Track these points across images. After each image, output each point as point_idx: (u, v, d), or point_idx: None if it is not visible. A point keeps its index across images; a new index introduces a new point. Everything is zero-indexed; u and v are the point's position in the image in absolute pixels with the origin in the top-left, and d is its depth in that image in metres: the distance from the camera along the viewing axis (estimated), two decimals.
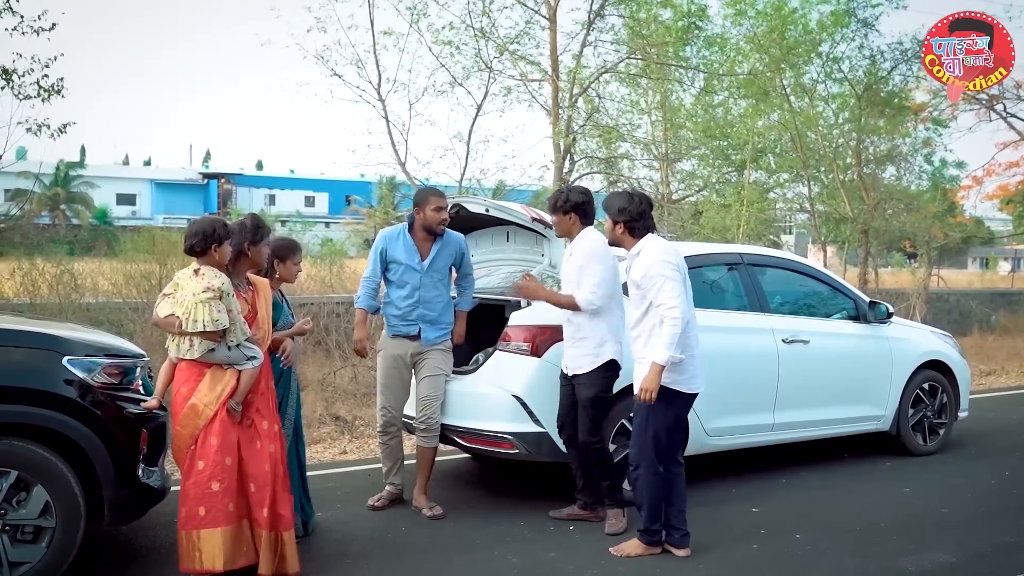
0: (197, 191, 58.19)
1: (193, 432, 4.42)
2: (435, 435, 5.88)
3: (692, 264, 6.70)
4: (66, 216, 49.79)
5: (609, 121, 15.00)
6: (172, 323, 4.45)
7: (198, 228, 4.55)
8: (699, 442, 6.36)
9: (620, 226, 5.00)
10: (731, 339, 6.54)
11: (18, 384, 4.31)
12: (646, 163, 17.92)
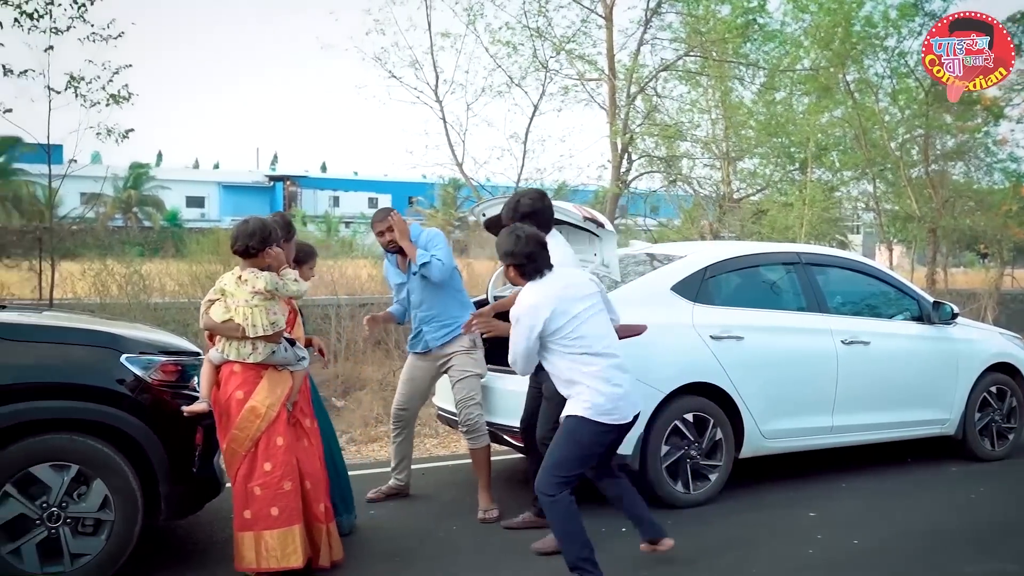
0: (263, 193, 59.16)
1: (253, 435, 4.47)
2: (481, 435, 5.89)
3: (747, 264, 6.69)
4: (138, 218, 51.02)
5: (668, 120, 14.84)
6: (233, 328, 4.49)
7: (254, 229, 4.54)
8: (755, 444, 6.27)
9: (510, 268, 4.79)
10: (788, 340, 6.44)
11: (78, 381, 4.42)
12: (706, 162, 17.70)
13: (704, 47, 13.87)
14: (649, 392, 5.79)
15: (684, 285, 6.20)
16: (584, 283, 4.75)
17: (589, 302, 4.65)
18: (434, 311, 5.88)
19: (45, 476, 4.29)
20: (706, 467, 6.08)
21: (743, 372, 6.15)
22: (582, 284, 4.73)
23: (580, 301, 4.62)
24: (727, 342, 6.13)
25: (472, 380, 5.89)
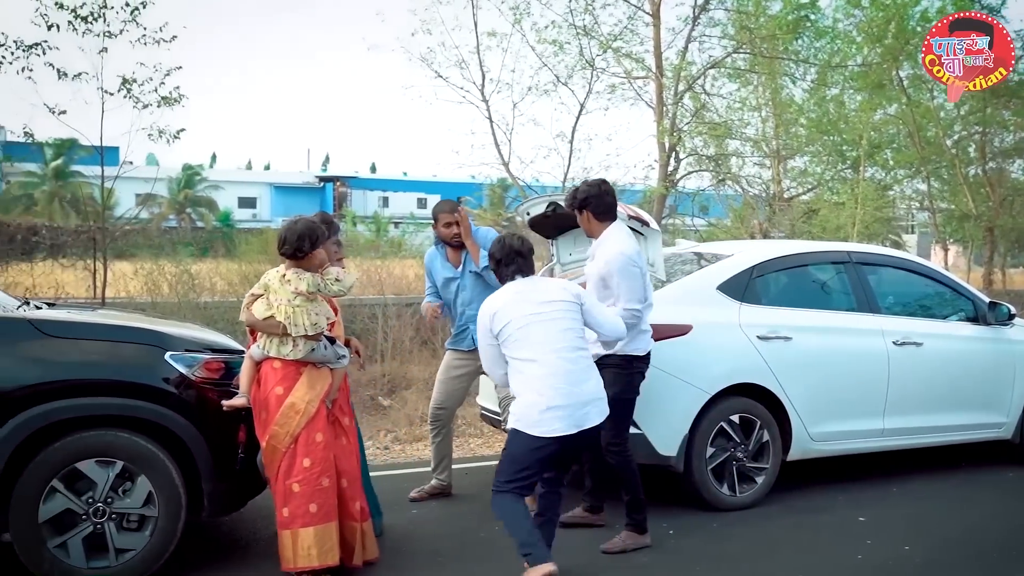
0: (314, 194, 59.71)
1: (293, 431, 4.48)
2: None
3: (796, 263, 6.57)
4: (191, 219, 51.84)
5: (716, 118, 14.68)
6: (274, 326, 4.51)
7: (303, 233, 4.51)
8: (803, 447, 6.15)
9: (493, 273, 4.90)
10: (837, 340, 6.30)
11: (122, 378, 4.47)
12: (756, 161, 17.48)
13: (754, 44, 13.69)
14: (694, 393, 5.72)
15: (730, 284, 6.10)
16: (545, 290, 4.63)
17: (541, 308, 4.53)
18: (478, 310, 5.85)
19: (91, 472, 4.35)
20: (752, 469, 5.97)
21: (791, 373, 6.04)
22: (541, 291, 4.62)
23: (529, 306, 4.53)
24: (775, 342, 6.02)
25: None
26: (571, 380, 4.45)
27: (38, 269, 14.13)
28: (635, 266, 5.07)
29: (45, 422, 4.27)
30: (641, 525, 5.21)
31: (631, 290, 5.04)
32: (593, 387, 4.54)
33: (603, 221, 5.22)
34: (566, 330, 4.52)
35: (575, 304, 4.59)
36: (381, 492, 5.99)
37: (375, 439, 8.64)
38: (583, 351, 4.57)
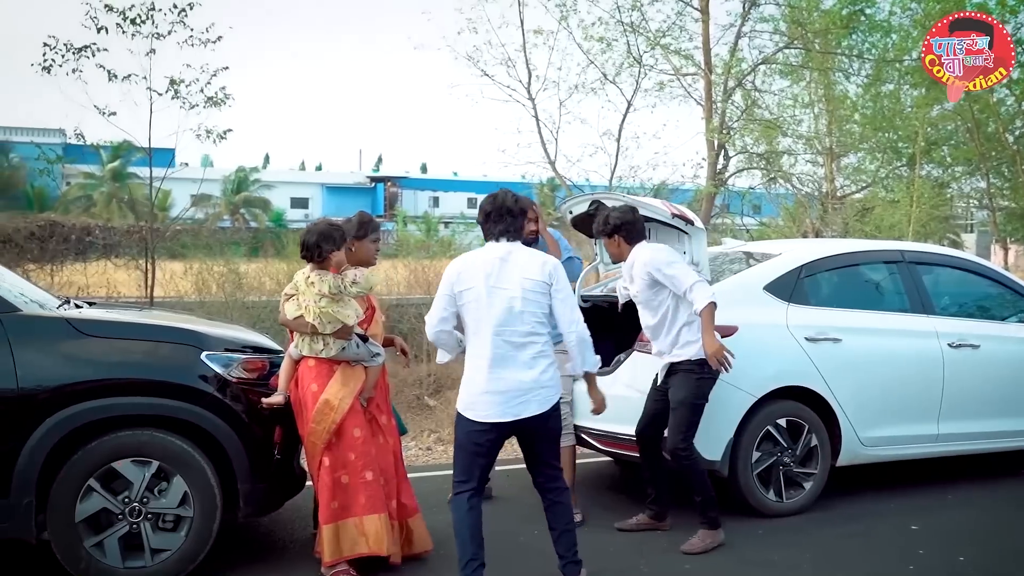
0: (365, 194, 60.15)
1: (329, 427, 4.50)
2: (569, 435, 5.75)
3: (846, 262, 6.38)
4: (245, 219, 52.53)
5: (768, 115, 14.40)
6: (304, 325, 4.57)
7: (318, 239, 4.58)
8: (853, 452, 5.96)
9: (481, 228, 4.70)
10: (889, 342, 6.10)
11: (158, 378, 4.47)
12: (809, 158, 17.15)
13: (806, 39, 13.41)
14: (740, 396, 5.58)
15: (778, 284, 5.93)
16: (521, 263, 4.25)
17: (507, 284, 4.20)
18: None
19: (127, 471, 4.36)
20: (800, 475, 5.80)
21: (841, 376, 5.85)
22: (516, 263, 4.25)
23: (496, 277, 4.22)
24: (823, 344, 5.84)
25: (566, 381, 5.75)
26: (511, 365, 4.18)
27: (92, 269, 14.41)
28: (673, 257, 5.18)
29: (81, 421, 4.29)
30: (715, 522, 5.20)
31: (682, 271, 5.09)
32: (535, 376, 4.19)
33: (631, 244, 5.30)
34: (522, 312, 4.20)
35: (545, 285, 4.25)
36: (422, 493, 5.93)
37: (418, 439, 8.60)
38: (536, 336, 4.22)
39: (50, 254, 13.70)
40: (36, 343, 4.34)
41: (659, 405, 5.32)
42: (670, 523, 5.49)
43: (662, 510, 5.52)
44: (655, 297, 5.22)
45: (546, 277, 4.26)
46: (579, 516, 5.64)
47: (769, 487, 5.72)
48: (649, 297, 5.26)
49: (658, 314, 5.24)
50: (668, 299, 5.18)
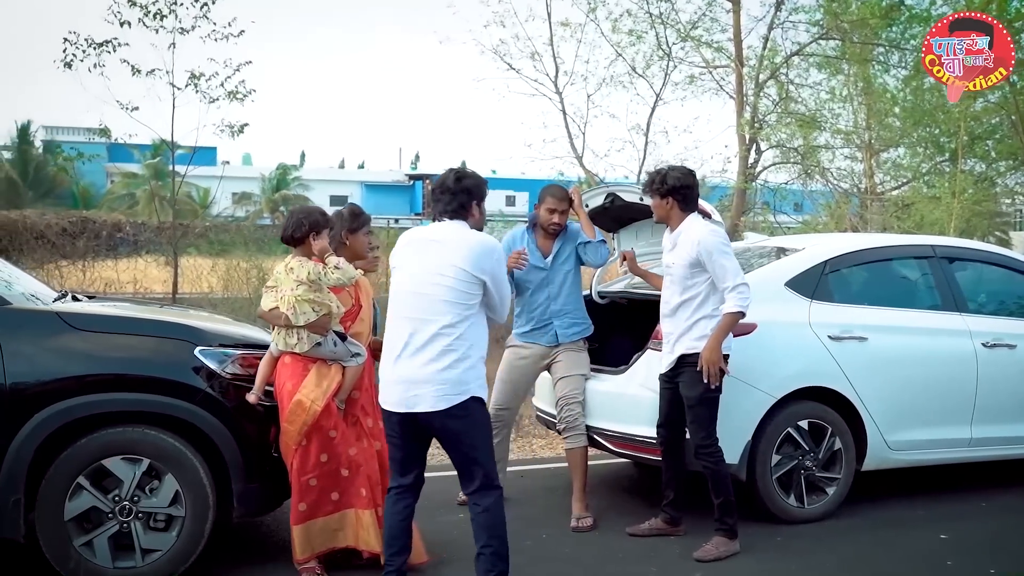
0: (403, 192, 60.28)
1: (301, 428, 4.34)
2: (581, 435, 5.58)
3: (873, 258, 6.13)
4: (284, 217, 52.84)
5: (803, 108, 14.03)
6: (278, 316, 4.45)
7: (293, 216, 4.53)
8: (879, 456, 5.70)
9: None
10: (918, 341, 5.83)
11: (149, 373, 4.36)
12: (847, 153, 16.73)
13: (842, 30, 13.04)
14: (758, 397, 5.35)
15: (800, 280, 5.69)
16: (452, 248, 3.89)
17: (429, 270, 3.89)
18: (570, 306, 5.67)
19: (117, 469, 4.25)
20: (823, 479, 5.55)
21: (866, 376, 5.60)
22: (447, 248, 3.90)
23: (424, 259, 3.94)
24: (848, 343, 5.59)
25: (579, 379, 5.62)
26: (416, 354, 3.87)
27: (122, 265, 14.51)
28: (728, 246, 4.94)
29: (70, 417, 4.18)
30: (732, 529, 4.98)
31: (733, 267, 4.85)
32: (436, 369, 3.83)
33: (685, 212, 5.02)
34: (438, 300, 3.86)
35: (468, 274, 3.87)
36: (435, 493, 5.79)
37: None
38: (448, 329, 3.86)
39: (81, 250, 13.80)
40: (25, 337, 4.25)
41: (673, 400, 5.10)
42: (685, 528, 5.28)
43: (677, 515, 5.31)
44: (691, 277, 4.94)
45: (470, 266, 3.87)
46: (590, 520, 5.46)
47: (790, 492, 5.48)
48: (685, 275, 4.97)
49: (686, 295, 4.97)
50: (704, 285, 4.94)
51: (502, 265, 4.03)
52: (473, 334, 3.92)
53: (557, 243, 5.67)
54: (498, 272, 3.97)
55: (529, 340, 5.71)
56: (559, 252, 5.66)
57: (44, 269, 14.13)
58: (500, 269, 3.99)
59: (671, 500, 5.28)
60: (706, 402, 4.94)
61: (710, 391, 4.92)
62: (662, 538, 5.23)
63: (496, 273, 3.95)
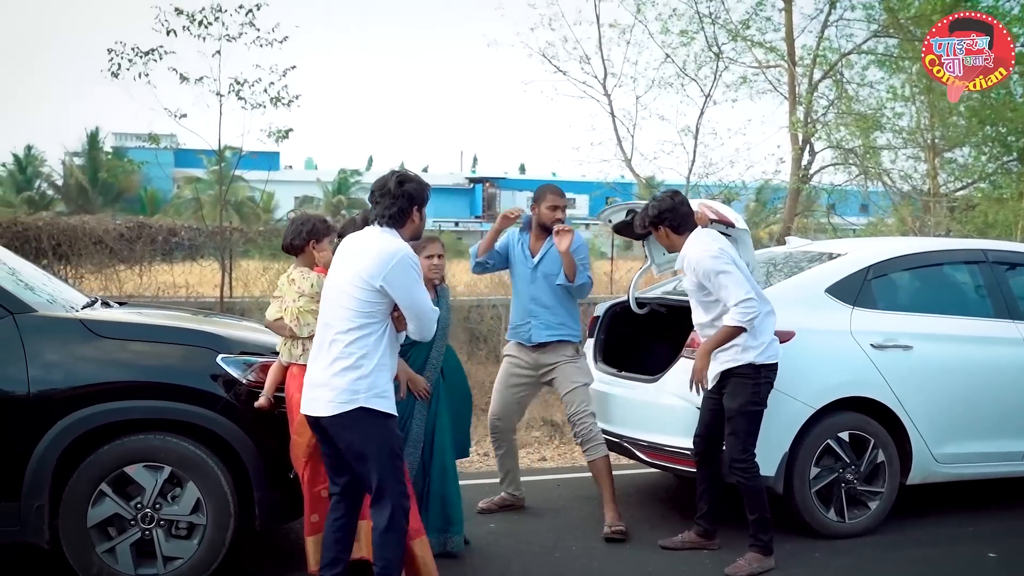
0: (463, 195, 60.53)
1: (310, 440, 4.26)
2: (598, 444, 5.48)
3: (920, 263, 5.92)
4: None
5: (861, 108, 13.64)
6: (283, 327, 4.46)
7: (293, 224, 4.53)
8: (925, 470, 5.47)
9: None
10: (968, 350, 5.58)
11: (170, 380, 4.36)
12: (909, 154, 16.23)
13: (902, 27, 12.65)
14: (796, 407, 5.17)
15: (842, 287, 5.49)
16: (365, 259, 3.78)
17: (342, 277, 3.84)
18: (549, 311, 5.52)
19: (139, 476, 4.26)
20: (865, 493, 5.35)
21: (911, 386, 5.38)
22: (363, 257, 3.80)
23: (342, 268, 3.88)
24: (892, 352, 5.38)
25: (582, 391, 5.50)
26: (320, 358, 3.86)
27: (177, 269, 14.74)
28: (724, 259, 4.73)
29: (92, 425, 4.20)
30: (767, 546, 4.83)
31: (734, 283, 4.66)
32: (330, 375, 3.80)
33: (682, 233, 4.92)
34: (339, 307, 3.82)
35: (369, 286, 3.76)
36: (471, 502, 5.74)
37: (480, 444, 8.38)
38: (340, 335, 3.80)
39: (138, 255, 14.03)
40: (49, 344, 4.28)
41: (715, 411, 4.96)
42: (719, 543, 5.12)
43: (711, 528, 5.16)
44: (707, 297, 4.87)
45: (367, 273, 3.76)
46: (622, 526, 5.34)
47: (829, 506, 5.29)
48: (700, 297, 4.92)
49: (711, 313, 4.89)
50: (719, 301, 4.83)
51: (407, 275, 3.79)
52: (369, 344, 3.80)
53: (547, 244, 5.54)
54: (400, 280, 3.77)
55: (512, 337, 5.68)
56: (547, 254, 5.53)
57: (103, 274, 14.45)
58: (403, 278, 3.78)
59: (704, 513, 5.14)
60: (746, 414, 4.80)
61: (753, 403, 4.79)
62: (694, 552, 5.08)
63: (397, 281, 3.77)
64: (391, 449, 3.89)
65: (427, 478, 4.99)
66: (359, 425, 3.81)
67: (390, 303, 3.82)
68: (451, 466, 5.10)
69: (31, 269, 5.25)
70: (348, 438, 3.84)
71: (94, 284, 14.50)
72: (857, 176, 14.24)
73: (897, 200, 15.01)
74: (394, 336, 3.95)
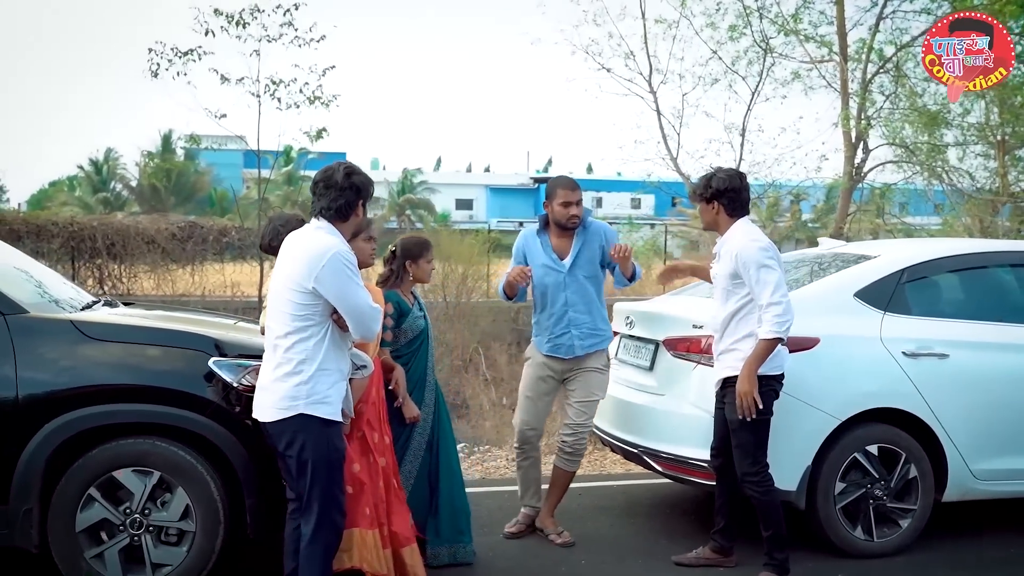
0: (527, 195, 60.43)
1: None
2: (578, 460, 5.31)
3: (959, 265, 5.61)
4: (411, 220, 53.78)
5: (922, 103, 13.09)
6: None
7: (271, 224, 4.47)
8: (963, 486, 5.13)
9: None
10: (1010, 359, 5.22)
11: (159, 384, 4.28)
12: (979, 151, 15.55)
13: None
14: (820, 418, 4.90)
15: (872, 291, 5.18)
16: (303, 255, 3.66)
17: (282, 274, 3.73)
18: (588, 316, 5.20)
19: (128, 481, 4.18)
20: (895, 511, 5.04)
21: (947, 397, 5.05)
22: (302, 252, 3.67)
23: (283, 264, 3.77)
24: (926, 360, 5.06)
25: (593, 407, 5.26)
26: (267, 362, 3.79)
27: (228, 268, 14.93)
28: (771, 254, 4.47)
29: (80, 428, 4.13)
30: (783, 566, 4.59)
31: (775, 282, 4.40)
32: (272, 380, 3.73)
33: (733, 216, 4.64)
34: (277, 310, 3.74)
35: (303, 287, 3.64)
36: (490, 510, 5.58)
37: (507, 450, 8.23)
38: (280, 340, 3.72)
39: (189, 254, 14.24)
40: (39, 346, 4.23)
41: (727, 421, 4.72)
42: (736, 560, 4.87)
43: (728, 544, 4.90)
44: (735, 289, 4.58)
45: (299, 274, 3.64)
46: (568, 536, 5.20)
47: (856, 523, 4.99)
48: (728, 286, 4.61)
49: (730, 307, 4.61)
50: (748, 298, 4.56)
51: (339, 274, 3.62)
52: (308, 348, 3.68)
53: (577, 242, 5.21)
54: (331, 280, 3.62)
55: (550, 352, 5.25)
56: (579, 253, 5.20)
57: (156, 273, 14.72)
58: (335, 278, 3.62)
59: (721, 528, 4.89)
60: (750, 426, 4.53)
61: (756, 415, 4.51)
62: (710, 569, 4.84)
63: (328, 281, 3.61)
64: (329, 459, 3.76)
65: (436, 487, 4.86)
66: (299, 432, 3.71)
67: (327, 304, 3.68)
68: (459, 473, 4.98)
69: (39, 268, 5.25)
70: (287, 444, 3.75)
71: (147, 284, 14.80)
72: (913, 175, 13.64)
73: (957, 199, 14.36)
74: (339, 339, 3.80)
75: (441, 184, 57.41)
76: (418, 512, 4.74)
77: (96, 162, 48.40)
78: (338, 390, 3.78)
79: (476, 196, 61.11)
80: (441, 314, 12.27)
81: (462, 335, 12.36)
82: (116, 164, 49.22)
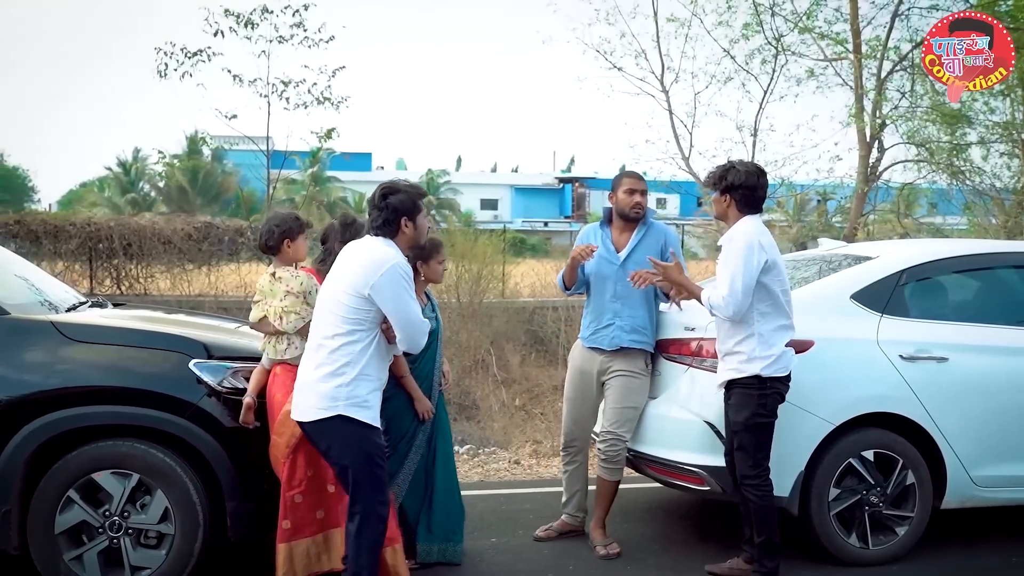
0: (553, 195, 60.38)
1: (289, 440, 4.17)
2: (619, 468, 5.15)
3: (959, 267, 5.50)
4: (435, 220, 53.84)
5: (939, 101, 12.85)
6: (267, 325, 4.40)
7: (267, 224, 4.50)
8: (962, 493, 5.01)
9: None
10: (1012, 363, 5.09)
11: (138, 385, 4.27)
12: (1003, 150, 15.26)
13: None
14: (813, 423, 4.79)
15: (869, 293, 5.07)
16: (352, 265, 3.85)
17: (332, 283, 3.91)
18: (633, 311, 5.09)
19: (107, 483, 4.18)
20: (892, 518, 4.92)
21: (946, 402, 4.93)
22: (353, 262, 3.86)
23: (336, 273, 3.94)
24: (924, 364, 4.94)
25: (632, 413, 5.10)
26: (304, 362, 3.96)
27: (244, 269, 14.91)
28: (758, 255, 4.37)
29: (59, 430, 4.14)
30: (773, 573, 4.51)
31: (741, 276, 4.34)
32: (314, 379, 3.84)
33: (743, 212, 4.56)
34: (329, 312, 3.87)
35: (357, 292, 3.78)
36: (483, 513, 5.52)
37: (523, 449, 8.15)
38: (326, 340, 3.84)
39: (204, 255, 14.24)
40: (18, 347, 4.24)
41: None
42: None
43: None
44: None
45: (355, 280, 3.80)
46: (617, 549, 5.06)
47: (851, 530, 4.88)
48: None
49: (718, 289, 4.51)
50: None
51: (395, 284, 3.79)
52: (354, 352, 3.81)
53: (635, 236, 5.13)
54: (387, 290, 3.79)
55: (590, 343, 5.18)
56: (636, 248, 5.10)
57: (172, 274, 14.72)
58: (391, 287, 3.79)
59: (749, 538, 4.75)
60: (752, 428, 4.46)
61: (759, 415, 4.44)
62: (697, 572, 4.75)
63: (384, 290, 3.78)
64: (369, 459, 3.86)
65: (431, 484, 4.84)
66: (337, 433, 3.84)
67: (379, 312, 3.82)
68: (454, 472, 4.97)
69: (31, 268, 5.28)
70: (324, 444, 3.89)
71: (163, 284, 14.81)
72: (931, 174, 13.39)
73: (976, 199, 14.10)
74: (384, 348, 3.94)
75: (465, 184, 57.43)
76: (412, 508, 4.75)
77: (125, 163, 48.88)
78: (376, 398, 3.89)
79: (501, 196, 61.06)
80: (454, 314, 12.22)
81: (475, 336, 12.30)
82: (144, 165, 49.67)
